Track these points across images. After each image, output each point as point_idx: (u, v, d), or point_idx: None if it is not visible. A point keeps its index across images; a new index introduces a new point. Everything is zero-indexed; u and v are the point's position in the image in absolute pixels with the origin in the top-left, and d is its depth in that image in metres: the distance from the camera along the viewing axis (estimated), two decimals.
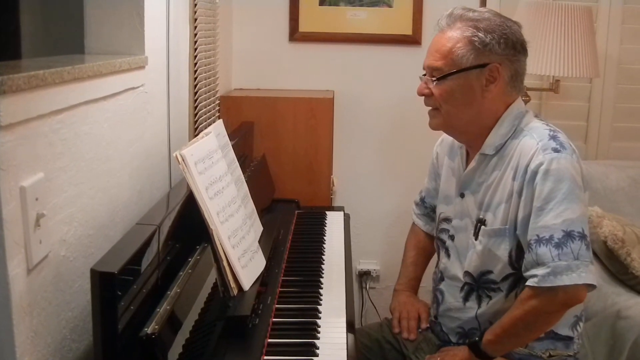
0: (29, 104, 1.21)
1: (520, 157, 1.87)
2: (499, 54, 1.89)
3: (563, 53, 2.95)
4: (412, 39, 3.32)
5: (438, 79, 1.90)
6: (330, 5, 3.33)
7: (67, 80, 1.36)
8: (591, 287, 1.79)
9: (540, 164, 1.80)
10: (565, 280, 1.74)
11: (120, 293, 1.23)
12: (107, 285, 1.19)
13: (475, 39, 1.87)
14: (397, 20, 3.32)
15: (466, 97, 1.91)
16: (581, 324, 2.00)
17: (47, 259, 1.31)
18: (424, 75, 1.98)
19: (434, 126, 2.01)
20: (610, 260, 2.72)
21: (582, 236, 1.77)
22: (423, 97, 1.98)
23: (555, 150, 1.82)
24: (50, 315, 1.34)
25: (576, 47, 2.96)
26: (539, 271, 1.77)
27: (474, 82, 1.90)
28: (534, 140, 1.86)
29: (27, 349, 1.24)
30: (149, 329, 1.27)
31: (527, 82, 3.15)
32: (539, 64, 2.96)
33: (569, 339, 1.95)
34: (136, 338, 1.26)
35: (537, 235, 1.78)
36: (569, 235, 1.76)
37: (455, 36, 1.89)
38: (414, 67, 3.26)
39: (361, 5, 3.33)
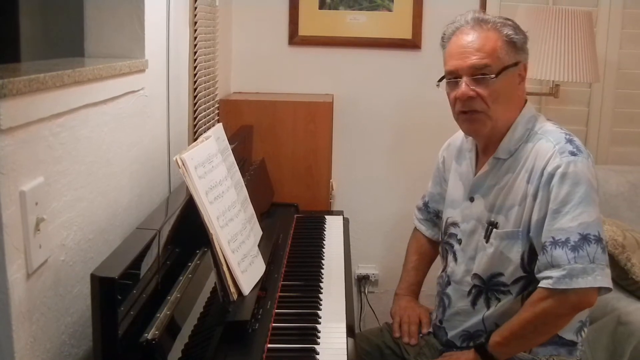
0: (29, 108, 1.21)
1: (536, 159, 1.87)
2: (526, 52, 1.95)
3: (563, 58, 2.95)
4: (412, 43, 3.32)
5: (497, 75, 1.88)
6: (329, 9, 3.33)
7: (67, 84, 1.35)
8: (607, 290, 1.79)
9: (558, 167, 1.81)
10: (581, 283, 1.75)
11: (120, 298, 1.22)
12: (107, 291, 1.18)
13: (514, 37, 1.91)
14: (396, 25, 3.32)
15: (509, 95, 1.93)
16: (585, 329, 2.00)
17: (47, 264, 1.30)
18: (453, 79, 1.93)
19: (480, 131, 1.96)
20: (610, 266, 2.71)
21: (598, 239, 1.77)
22: (457, 101, 1.93)
23: (572, 154, 1.82)
24: (49, 320, 1.33)
25: (576, 52, 2.96)
26: (554, 273, 1.77)
27: (512, 81, 1.93)
28: (550, 144, 1.86)
29: (26, 355, 1.23)
30: (149, 335, 1.26)
31: (527, 86, 3.17)
32: (538, 69, 2.96)
33: (573, 344, 1.95)
34: (136, 343, 1.25)
35: (553, 238, 1.78)
36: (585, 238, 1.76)
37: (493, 35, 1.91)
38: (413, 71, 3.31)
39: (361, 9, 3.33)
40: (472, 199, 2.02)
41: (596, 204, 1.82)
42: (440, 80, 1.99)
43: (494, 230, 1.93)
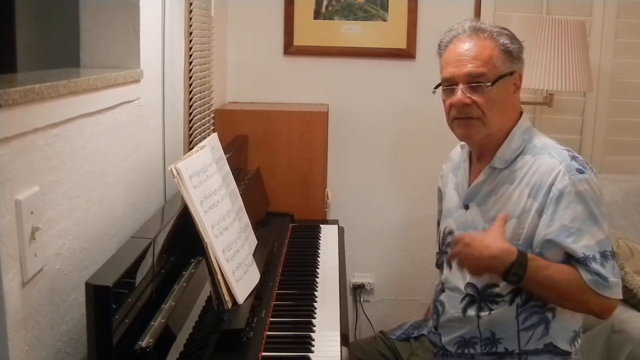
0: (25, 118, 1.22)
1: (541, 175, 1.88)
2: (521, 61, 1.98)
3: (557, 67, 2.97)
4: (407, 53, 3.34)
5: (492, 83, 1.90)
6: (325, 19, 3.34)
7: (63, 94, 1.37)
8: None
9: (568, 185, 1.83)
10: (613, 294, 1.81)
11: (115, 306, 1.23)
12: (102, 299, 1.19)
13: (510, 46, 1.94)
14: (391, 34, 3.34)
15: (504, 103, 1.95)
16: (579, 339, 2.00)
17: (42, 272, 1.31)
18: (449, 86, 1.95)
19: (473, 136, 1.97)
20: None
21: (613, 254, 1.82)
22: (453, 108, 1.94)
23: (580, 172, 1.84)
24: (44, 328, 1.34)
25: (570, 61, 2.98)
26: (596, 277, 1.79)
27: (508, 89, 1.95)
28: (555, 160, 1.88)
29: None
30: (143, 343, 1.27)
31: (521, 95, 3.18)
32: (532, 78, 2.97)
33: (567, 354, 1.95)
34: (131, 351, 1.26)
35: (583, 254, 1.80)
36: (603, 255, 1.80)
37: (490, 44, 1.93)
38: (408, 81, 3.33)
39: (356, 19, 3.34)
40: (466, 207, 2.03)
41: (606, 219, 1.86)
42: (437, 87, 2.00)
43: None
